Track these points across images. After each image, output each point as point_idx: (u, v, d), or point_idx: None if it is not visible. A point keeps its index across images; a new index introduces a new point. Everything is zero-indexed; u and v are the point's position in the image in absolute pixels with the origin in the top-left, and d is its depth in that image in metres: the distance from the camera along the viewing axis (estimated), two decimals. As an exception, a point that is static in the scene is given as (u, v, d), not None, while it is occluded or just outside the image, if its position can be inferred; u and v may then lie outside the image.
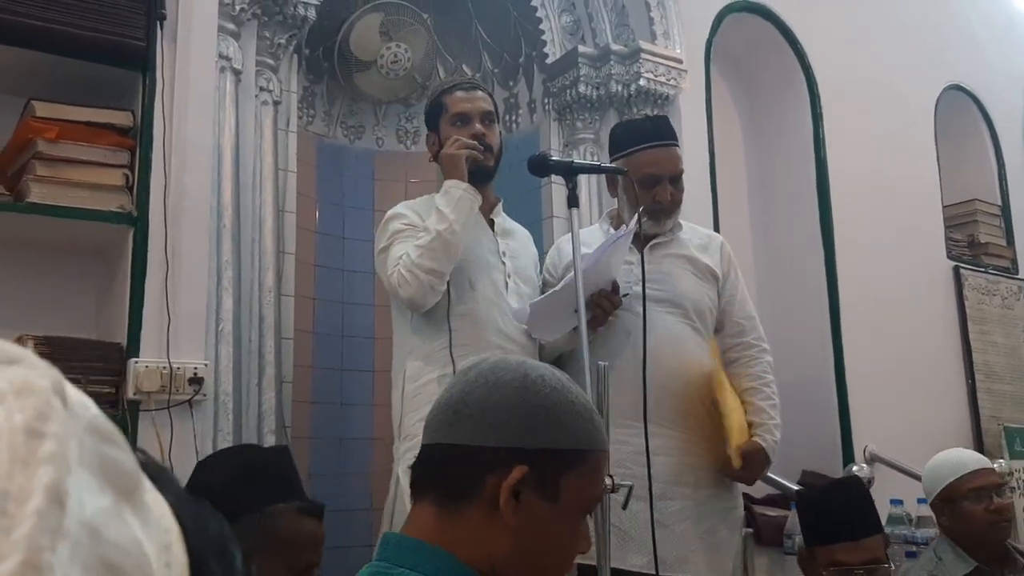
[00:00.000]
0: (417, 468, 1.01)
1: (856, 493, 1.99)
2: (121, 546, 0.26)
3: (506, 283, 2.22)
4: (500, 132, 2.33)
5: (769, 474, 2.99)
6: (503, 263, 2.25)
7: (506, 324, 2.17)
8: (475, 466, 0.95)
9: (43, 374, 0.27)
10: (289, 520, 1.48)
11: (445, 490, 0.96)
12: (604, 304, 2.19)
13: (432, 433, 0.99)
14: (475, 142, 2.17)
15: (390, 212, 2.22)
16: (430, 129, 2.31)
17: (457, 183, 2.11)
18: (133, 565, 0.27)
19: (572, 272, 2.14)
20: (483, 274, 2.19)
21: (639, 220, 2.21)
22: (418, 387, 2.10)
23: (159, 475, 0.33)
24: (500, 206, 2.36)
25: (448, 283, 2.08)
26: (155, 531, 0.29)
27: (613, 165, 2.95)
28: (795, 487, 2.91)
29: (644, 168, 2.30)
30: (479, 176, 2.18)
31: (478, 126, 2.22)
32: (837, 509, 1.92)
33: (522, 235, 2.40)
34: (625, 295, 2.22)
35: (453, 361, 2.05)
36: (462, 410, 0.96)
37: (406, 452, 2.04)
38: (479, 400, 0.96)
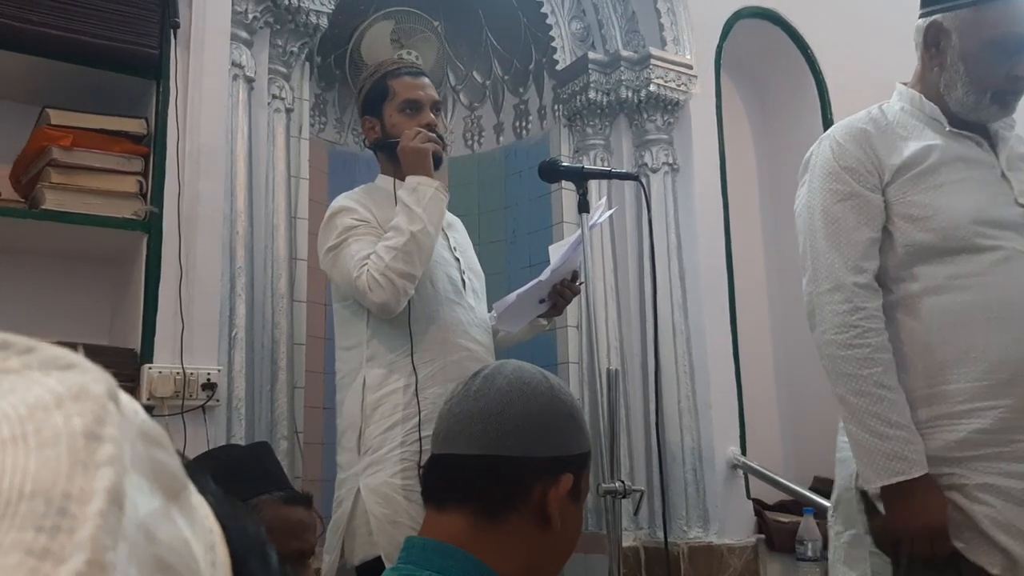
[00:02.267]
0: (442, 477, 1.04)
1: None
2: (172, 546, 0.27)
3: (463, 280, 2.10)
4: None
5: (782, 480, 3.00)
6: (456, 259, 2.12)
7: (470, 325, 2.06)
8: (523, 476, 0.99)
9: (98, 379, 0.27)
10: (273, 509, 1.49)
11: (488, 499, 0.99)
12: (566, 294, 2.17)
13: (470, 444, 1.01)
14: (435, 135, 2.05)
15: (335, 205, 2.05)
16: (369, 114, 2.12)
17: (428, 180, 1.97)
18: (184, 564, 0.27)
19: (546, 270, 2.15)
20: (441, 272, 2.05)
21: (607, 205, 2.17)
22: (380, 397, 1.96)
23: (199, 478, 0.34)
24: None
25: None
26: (201, 531, 0.30)
27: (624, 171, 2.97)
28: (808, 493, 2.91)
29: None
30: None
31: (431, 115, 2.08)
32: None
33: (461, 225, 2.29)
34: (580, 283, 2.21)
35: (415, 369, 1.94)
36: (506, 422, 1.00)
37: (368, 467, 1.92)
38: (521, 412, 1.01)
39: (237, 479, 1.52)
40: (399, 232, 1.91)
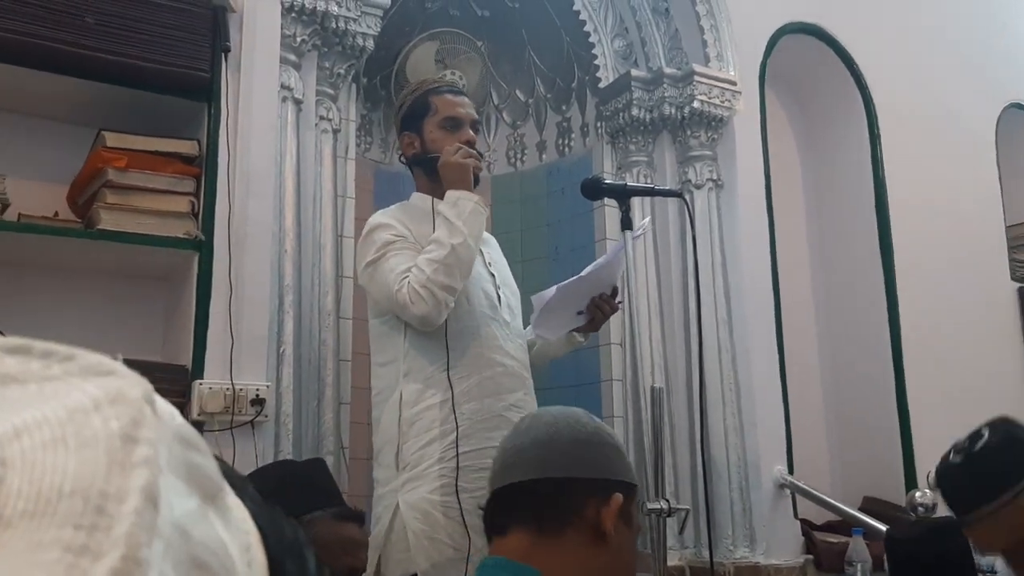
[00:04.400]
0: (502, 506, 1.14)
1: (953, 543, 1.86)
2: (208, 545, 0.28)
3: (498, 295, 2.12)
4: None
5: (830, 500, 2.95)
6: (491, 274, 2.14)
7: (505, 340, 2.07)
8: (576, 494, 1.10)
9: (135, 384, 0.29)
10: (326, 526, 1.51)
11: (547, 518, 1.09)
12: (604, 308, 2.16)
13: (525, 471, 1.12)
14: (476, 152, 2.07)
15: (372, 222, 2.08)
16: (408, 129, 2.16)
17: (468, 194, 1.99)
18: (219, 564, 0.29)
19: (588, 268, 2.15)
20: (476, 287, 2.07)
21: (650, 223, 2.18)
22: (417, 413, 1.97)
23: (237, 482, 0.35)
24: None
25: None
26: (237, 532, 0.31)
27: (668, 188, 2.96)
28: (858, 514, 2.85)
29: None
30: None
31: (470, 132, 2.11)
32: (930, 563, 1.83)
33: (495, 242, 2.30)
34: (620, 302, 2.20)
35: (451, 384, 1.95)
36: (556, 447, 1.12)
37: (407, 483, 1.94)
38: (569, 438, 1.13)
39: (291, 494, 1.54)
40: (440, 245, 1.93)
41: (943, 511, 2.87)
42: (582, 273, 2.12)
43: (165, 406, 0.30)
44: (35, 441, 0.26)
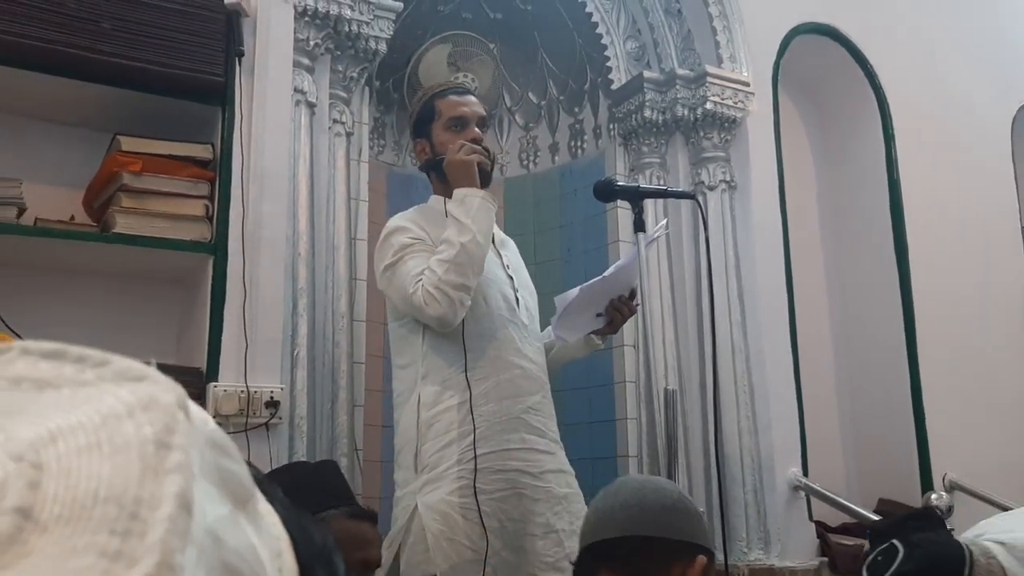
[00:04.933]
0: (599, 555, 1.24)
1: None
2: (240, 551, 0.28)
3: (516, 297, 2.12)
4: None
5: (845, 502, 2.94)
6: (509, 276, 2.14)
7: (523, 343, 2.08)
8: (664, 554, 1.21)
9: (168, 389, 0.29)
10: (340, 523, 1.53)
11: (635, 572, 1.21)
12: (623, 310, 2.16)
13: (616, 529, 1.23)
14: (480, 148, 2.06)
15: (390, 225, 2.09)
16: (419, 136, 2.19)
17: (473, 191, 1.99)
18: (250, 570, 0.29)
19: (610, 268, 2.15)
20: (494, 290, 2.07)
21: (667, 225, 2.18)
22: (435, 414, 1.98)
23: (267, 487, 0.35)
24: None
25: None
26: (268, 538, 0.31)
27: (681, 189, 2.96)
28: (873, 516, 2.84)
29: None
30: (480, 184, 2.06)
31: (476, 130, 2.11)
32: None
33: (513, 245, 2.30)
34: (637, 304, 2.20)
35: (469, 386, 1.95)
36: (646, 509, 1.23)
37: (426, 484, 1.95)
38: (657, 502, 1.25)
39: (305, 494, 1.56)
40: (450, 245, 1.94)
41: (960, 514, 2.86)
42: (605, 273, 2.12)
43: (198, 411, 0.30)
44: (70, 446, 0.26)
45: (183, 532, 0.25)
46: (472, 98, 2.18)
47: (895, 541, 1.39)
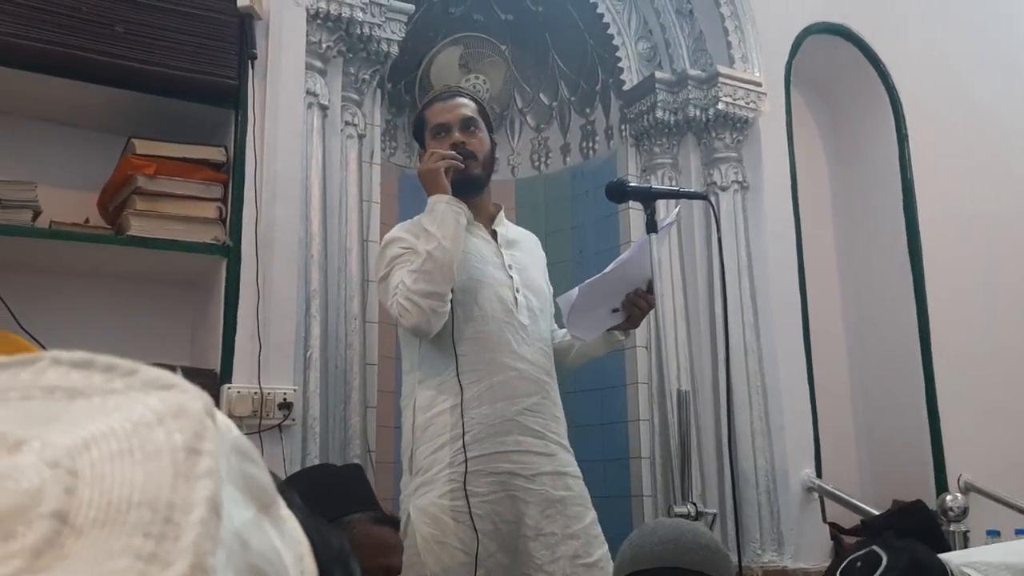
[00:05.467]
0: None
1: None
2: (265, 554, 0.29)
3: (515, 298, 2.09)
4: (491, 137, 2.18)
5: (859, 503, 2.93)
6: (510, 276, 2.11)
7: (519, 344, 2.05)
8: None
9: (196, 397, 0.29)
10: (363, 528, 1.52)
11: None
12: (640, 303, 2.12)
13: (653, 560, 1.33)
14: (452, 152, 2.04)
15: (387, 236, 2.11)
16: (421, 146, 2.21)
17: (439, 197, 1.98)
18: (275, 572, 0.29)
19: (611, 264, 2.13)
20: (489, 292, 2.06)
21: (679, 213, 2.16)
22: (429, 418, 2.00)
23: (285, 493, 0.35)
24: (502, 214, 2.22)
25: (453, 304, 1.96)
26: (290, 542, 0.32)
27: (693, 190, 2.96)
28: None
29: None
30: (469, 186, 2.06)
31: (457, 134, 2.09)
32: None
33: (528, 241, 2.28)
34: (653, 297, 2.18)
35: (461, 388, 1.95)
36: (683, 544, 1.32)
37: (419, 488, 1.96)
38: (693, 539, 1.34)
39: (330, 497, 1.56)
40: (417, 255, 1.96)
41: (975, 515, 2.85)
42: (605, 270, 2.10)
43: (223, 419, 0.30)
44: (103, 453, 0.26)
45: (214, 535, 0.26)
46: (458, 99, 2.16)
47: (876, 548, 1.35)
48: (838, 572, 1.35)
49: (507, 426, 1.99)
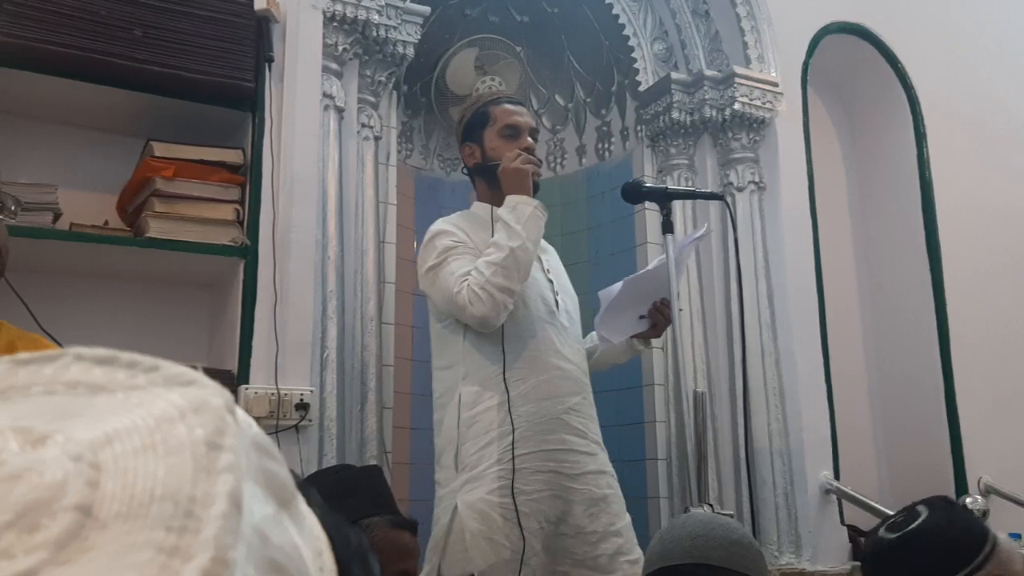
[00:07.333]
0: None
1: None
2: (284, 549, 0.29)
3: (556, 301, 2.15)
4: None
5: (878, 505, 2.91)
6: (549, 280, 2.18)
7: (562, 344, 2.11)
8: None
9: (216, 393, 0.30)
10: (382, 531, 1.52)
11: None
12: (665, 312, 2.17)
13: (683, 556, 1.30)
14: (537, 157, 2.12)
15: (433, 228, 2.14)
16: (469, 140, 2.23)
17: (527, 199, 2.04)
18: (295, 567, 0.29)
19: (653, 262, 2.15)
20: (534, 292, 2.11)
21: (708, 228, 2.17)
22: (475, 415, 2.02)
23: (304, 489, 0.36)
24: None
25: None
26: (309, 538, 0.32)
27: (709, 191, 2.95)
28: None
29: None
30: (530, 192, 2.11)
31: (529, 140, 2.16)
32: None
33: (553, 250, 2.35)
34: (680, 310, 2.21)
35: (507, 387, 1.99)
36: (711, 540, 1.30)
37: (466, 483, 1.98)
38: (723, 535, 1.32)
39: (350, 498, 1.56)
40: (499, 248, 1.98)
41: (995, 518, 2.82)
42: (648, 267, 2.13)
43: (243, 415, 0.31)
44: (126, 447, 0.27)
45: (235, 529, 0.26)
46: (525, 109, 2.23)
47: (918, 505, 1.35)
48: (880, 527, 1.37)
49: (552, 424, 2.02)
